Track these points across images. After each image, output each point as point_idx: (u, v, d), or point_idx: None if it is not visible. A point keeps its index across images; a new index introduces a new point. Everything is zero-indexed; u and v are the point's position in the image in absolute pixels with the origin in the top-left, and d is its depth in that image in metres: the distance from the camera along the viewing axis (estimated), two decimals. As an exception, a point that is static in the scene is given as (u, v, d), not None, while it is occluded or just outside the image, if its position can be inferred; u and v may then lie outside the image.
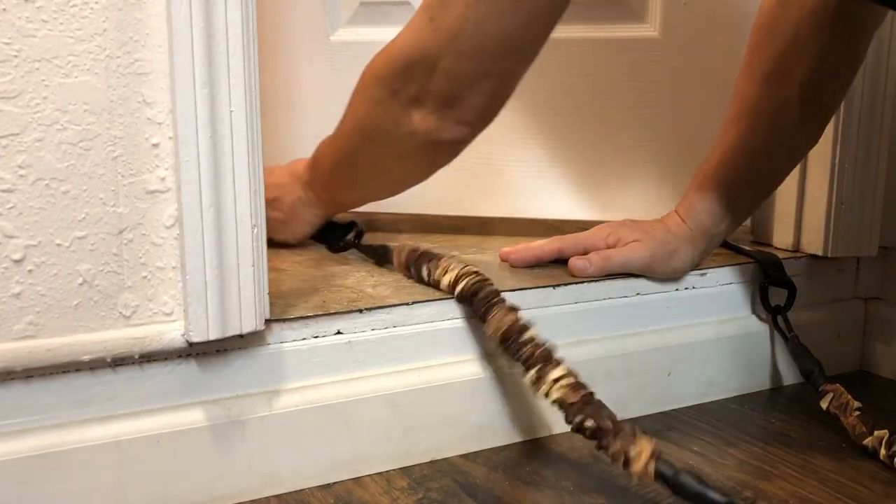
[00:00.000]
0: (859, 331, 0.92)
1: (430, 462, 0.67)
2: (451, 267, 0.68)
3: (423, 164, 0.74)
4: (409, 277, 0.73)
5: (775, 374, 0.85)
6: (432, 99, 0.66)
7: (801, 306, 0.85)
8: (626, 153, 0.94)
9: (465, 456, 0.68)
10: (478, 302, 0.65)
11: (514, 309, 0.64)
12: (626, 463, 0.55)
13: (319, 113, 0.96)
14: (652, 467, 0.54)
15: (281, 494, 0.61)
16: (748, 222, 0.94)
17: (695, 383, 0.80)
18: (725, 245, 0.87)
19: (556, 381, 0.59)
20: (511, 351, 0.62)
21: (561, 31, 0.91)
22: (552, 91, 0.93)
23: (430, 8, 0.65)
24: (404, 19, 0.93)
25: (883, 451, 0.67)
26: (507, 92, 0.68)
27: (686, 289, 0.80)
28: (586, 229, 0.80)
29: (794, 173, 0.87)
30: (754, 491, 0.63)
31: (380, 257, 0.79)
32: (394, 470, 0.65)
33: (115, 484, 0.56)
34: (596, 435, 0.57)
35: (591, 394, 0.59)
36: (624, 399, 0.76)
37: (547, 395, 0.60)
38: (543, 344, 0.62)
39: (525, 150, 0.96)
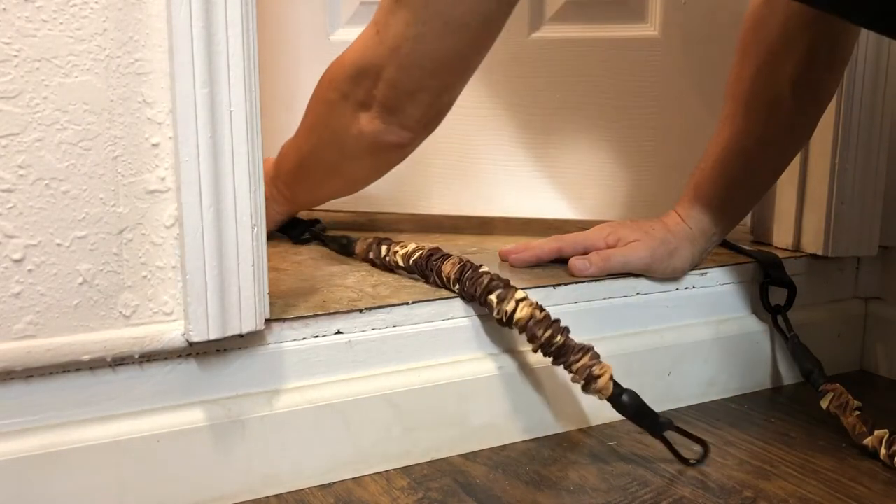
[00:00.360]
0: (859, 331, 0.92)
1: (430, 462, 0.67)
2: (409, 243, 0.74)
3: (373, 164, 0.79)
4: (371, 264, 0.78)
5: (775, 373, 0.85)
6: (377, 104, 0.72)
7: (801, 306, 0.85)
8: (626, 153, 0.94)
9: (465, 456, 0.68)
10: (431, 263, 0.69)
11: (465, 259, 0.68)
12: (590, 379, 0.62)
13: None
14: (611, 386, 0.63)
15: (281, 494, 0.61)
16: (748, 222, 0.94)
17: (695, 383, 0.80)
18: (725, 245, 0.87)
19: (520, 301, 0.63)
20: (469, 284, 0.65)
21: (561, 31, 0.92)
22: (552, 91, 0.94)
23: (378, 23, 0.70)
24: None
25: (883, 451, 0.67)
26: (444, 104, 0.74)
27: (686, 288, 0.80)
28: (586, 229, 0.80)
29: (794, 173, 0.87)
30: (754, 491, 0.63)
31: (343, 248, 0.83)
32: (394, 470, 0.65)
33: (116, 484, 0.56)
34: (562, 351, 0.63)
35: (551, 315, 0.64)
36: (624, 399, 0.76)
37: (512, 315, 0.63)
38: (499, 276, 0.65)
39: (525, 149, 0.96)
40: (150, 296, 0.56)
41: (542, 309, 0.64)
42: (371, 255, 0.77)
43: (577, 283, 0.74)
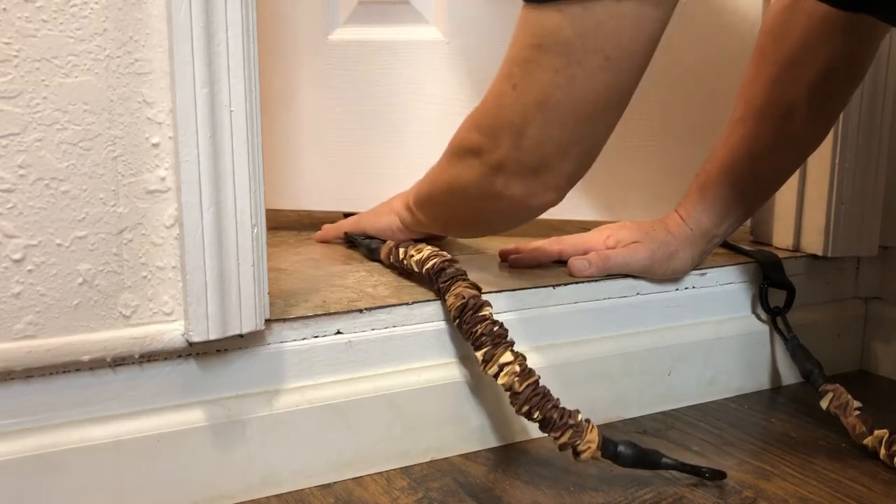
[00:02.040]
0: (859, 331, 0.92)
1: (430, 462, 0.67)
2: (425, 249, 0.71)
3: (508, 222, 0.74)
4: (393, 268, 0.76)
5: (775, 373, 0.85)
6: (518, 166, 0.62)
7: (802, 306, 0.85)
8: (628, 153, 0.94)
9: (465, 456, 0.68)
10: (442, 277, 0.67)
11: (474, 287, 0.66)
12: (576, 454, 0.61)
13: (317, 113, 0.96)
14: (598, 453, 0.61)
15: (281, 494, 0.61)
16: (748, 222, 0.94)
17: (695, 383, 0.80)
18: (725, 245, 0.87)
19: (504, 366, 0.61)
20: (464, 327, 0.64)
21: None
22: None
23: (512, 76, 0.60)
24: (403, 19, 0.93)
25: (883, 451, 0.67)
26: (599, 149, 0.64)
27: (686, 289, 0.80)
28: (587, 230, 0.80)
29: (795, 173, 0.87)
30: (754, 491, 0.63)
31: (370, 252, 0.82)
32: (394, 469, 0.65)
33: (115, 484, 0.56)
34: (543, 425, 0.61)
35: (537, 382, 0.62)
36: (624, 399, 0.76)
37: (495, 377, 0.62)
38: (497, 323, 0.63)
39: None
40: (150, 296, 0.56)
41: (525, 375, 0.61)
42: (392, 260, 0.76)
43: (577, 283, 0.74)
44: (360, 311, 0.65)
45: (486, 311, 0.64)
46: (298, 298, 0.66)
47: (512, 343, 0.63)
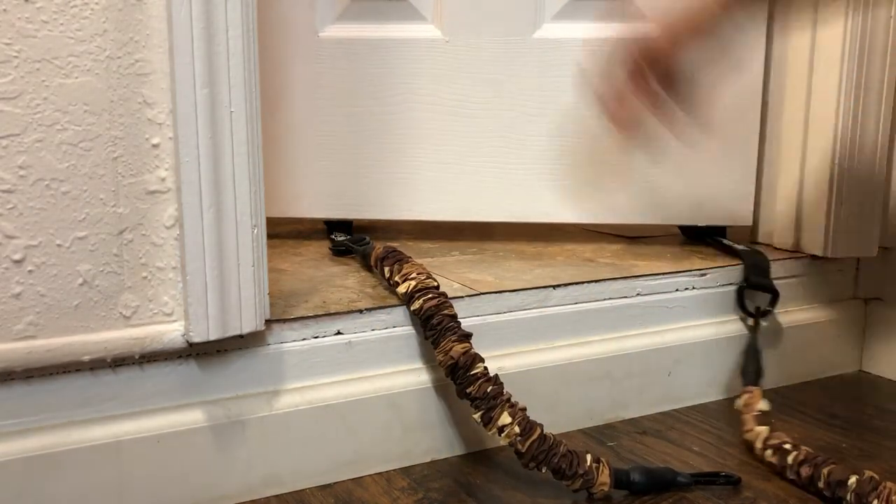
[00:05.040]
0: (859, 331, 0.92)
1: (431, 462, 0.67)
2: (411, 275, 0.67)
3: None
4: (380, 275, 0.72)
5: (775, 374, 0.85)
6: None
7: (802, 306, 0.85)
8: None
9: (466, 456, 0.68)
10: (432, 326, 0.64)
11: (465, 337, 0.64)
12: (590, 495, 0.61)
13: (306, 114, 0.92)
14: (611, 489, 0.61)
15: (281, 494, 0.61)
16: (748, 222, 0.94)
17: (695, 383, 0.80)
18: (718, 244, 0.87)
19: (504, 427, 0.60)
20: (459, 386, 0.62)
21: (563, 32, 0.90)
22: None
23: None
24: (397, 16, 0.90)
25: (758, 446, 0.67)
26: None
27: (686, 289, 0.80)
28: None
29: (794, 173, 0.87)
30: (754, 491, 0.63)
31: (364, 258, 0.78)
32: (394, 470, 0.65)
33: (116, 484, 0.56)
34: (555, 475, 0.61)
35: (541, 435, 0.61)
36: (624, 399, 0.76)
37: (497, 436, 0.61)
38: (491, 380, 0.62)
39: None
40: (151, 296, 0.56)
41: (527, 433, 0.60)
42: (380, 271, 0.72)
43: (577, 283, 0.74)
44: (361, 311, 0.65)
45: (477, 369, 0.62)
46: (298, 299, 0.66)
47: (508, 399, 0.61)
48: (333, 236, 0.90)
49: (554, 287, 0.73)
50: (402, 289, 0.66)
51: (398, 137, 0.91)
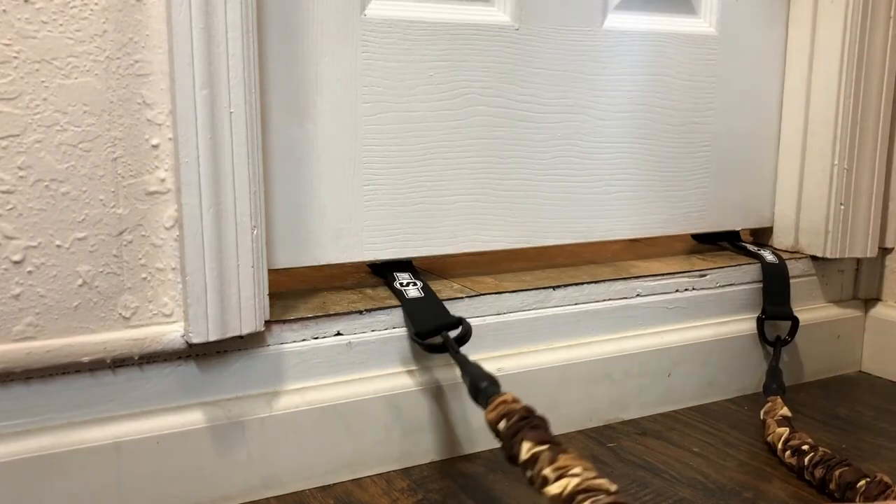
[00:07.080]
0: (859, 331, 0.92)
1: (431, 463, 0.67)
2: (570, 474, 0.45)
3: None
4: (498, 437, 0.51)
5: (775, 374, 0.85)
6: None
7: (802, 307, 0.85)
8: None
9: (465, 456, 0.68)
10: None
11: None
12: None
13: (347, 121, 0.67)
14: None
15: (281, 495, 0.61)
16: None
17: (694, 384, 0.80)
18: (735, 246, 0.87)
19: None
20: None
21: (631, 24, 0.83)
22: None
23: None
24: None
25: (780, 447, 0.68)
26: None
27: (686, 290, 0.80)
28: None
29: (794, 174, 0.87)
30: (754, 492, 0.63)
31: (476, 390, 0.55)
32: (394, 471, 0.65)
33: (115, 485, 0.56)
34: None
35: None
36: (624, 400, 0.76)
37: None
38: None
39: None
40: (150, 297, 0.56)
41: None
42: (509, 451, 0.49)
43: (577, 284, 0.74)
44: (361, 312, 0.65)
45: None
46: (298, 300, 0.66)
47: None
48: (397, 284, 0.70)
49: (554, 288, 0.73)
50: (552, 488, 0.45)
51: (461, 147, 0.72)
